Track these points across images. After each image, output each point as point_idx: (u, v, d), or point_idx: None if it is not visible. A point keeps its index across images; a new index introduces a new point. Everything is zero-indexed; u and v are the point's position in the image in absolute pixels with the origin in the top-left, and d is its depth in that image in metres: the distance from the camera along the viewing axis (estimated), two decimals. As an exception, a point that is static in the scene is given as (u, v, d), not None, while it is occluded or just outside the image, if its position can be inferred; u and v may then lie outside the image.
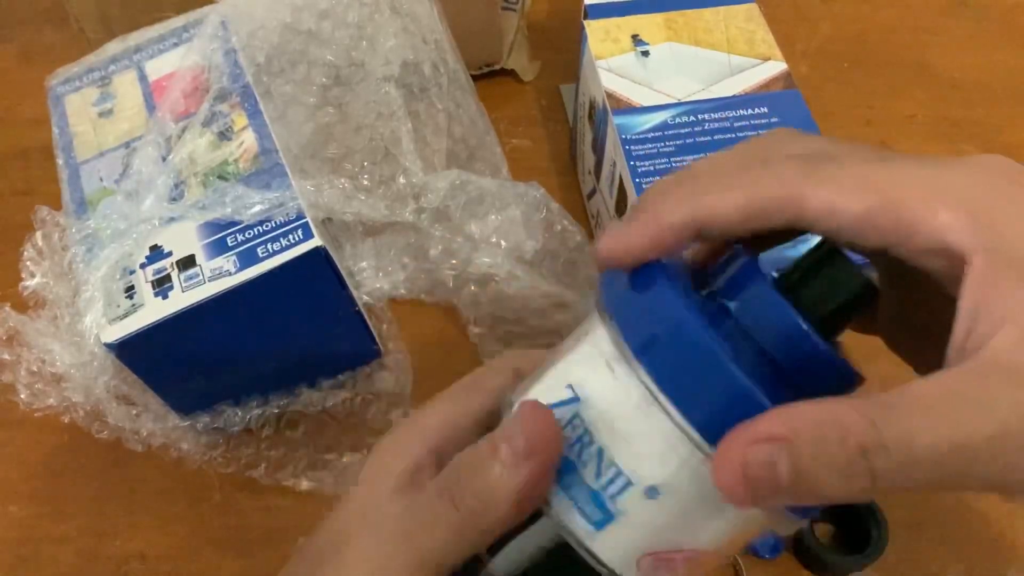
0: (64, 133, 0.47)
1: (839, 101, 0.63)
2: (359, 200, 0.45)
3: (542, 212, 0.51)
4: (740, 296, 0.23)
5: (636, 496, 0.23)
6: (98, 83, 0.49)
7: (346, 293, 0.43)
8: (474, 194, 0.50)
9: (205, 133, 0.44)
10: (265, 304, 0.41)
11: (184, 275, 0.40)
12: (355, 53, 0.51)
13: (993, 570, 0.43)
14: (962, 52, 0.67)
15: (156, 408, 0.44)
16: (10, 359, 0.41)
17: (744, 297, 0.23)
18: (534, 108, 0.64)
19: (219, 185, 0.42)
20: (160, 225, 0.42)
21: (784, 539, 0.44)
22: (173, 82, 0.46)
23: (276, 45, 0.49)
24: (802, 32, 0.68)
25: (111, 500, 0.47)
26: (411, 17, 0.52)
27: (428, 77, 0.52)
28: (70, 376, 0.40)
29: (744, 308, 0.23)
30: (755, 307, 0.23)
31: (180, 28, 0.50)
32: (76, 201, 0.43)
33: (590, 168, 0.54)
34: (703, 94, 0.47)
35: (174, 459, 0.45)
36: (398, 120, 0.50)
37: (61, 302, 0.41)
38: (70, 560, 0.45)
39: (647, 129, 0.45)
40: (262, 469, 0.46)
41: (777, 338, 0.23)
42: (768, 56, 0.48)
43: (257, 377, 0.46)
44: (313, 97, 0.50)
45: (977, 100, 0.63)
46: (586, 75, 0.52)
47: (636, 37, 0.50)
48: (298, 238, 0.40)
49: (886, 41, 0.68)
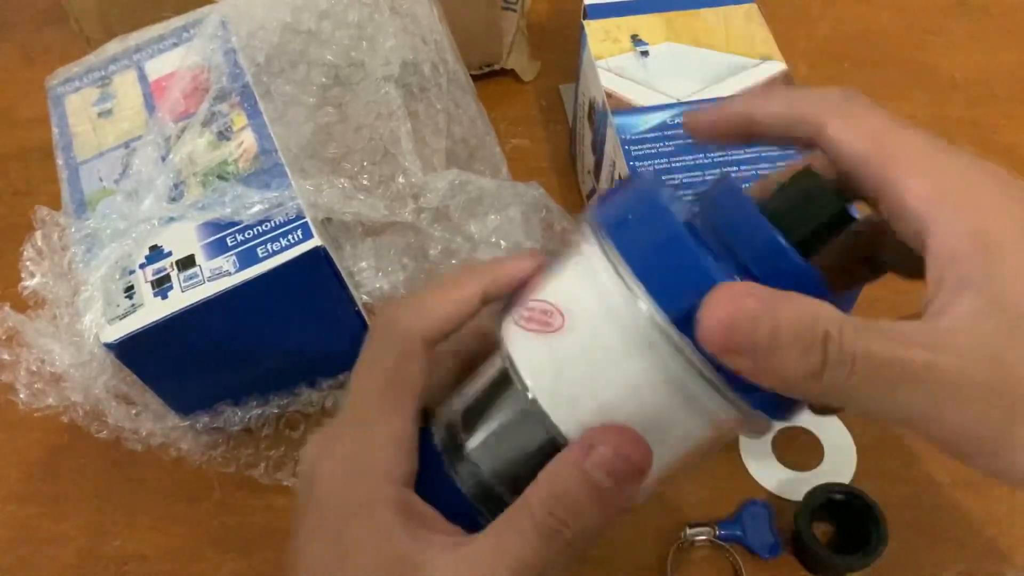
0: (64, 133, 0.47)
1: (839, 101, 0.63)
2: (359, 200, 0.45)
3: (542, 212, 0.51)
4: (722, 214, 0.25)
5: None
6: (98, 83, 0.49)
7: (346, 293, 0.44)
8: (474, 194, 0.50)
9: (205, 133, 0.44)
10: (265, 304, 0.41)
11: (184, 275, 0.40)
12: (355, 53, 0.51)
13: (993, 570, 0.43)
14: (962, 52, 0.67)
15: (156, 408, 0.44)
16: (10, 359, 0.41)
17: (725, 214, 0.25)
18: (534, 108, 0.64)
19: (219, 185, 0.42)
20: (160, 225, 0.42)
21: (783, 539, 0.44)
22: (173, 82, 0.46)
23: (276, 45, 0.49)
24: (802, 32, 0.68)
25: (111, 500, 0.47)
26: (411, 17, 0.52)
27: (428, 77, 0.52)
28: (69, 376, 0.40)
29: (726, 225, 0.24)
30: (736, 223, 0.24)
31: (180, 28, 0.50)
32: (76, 201, 0.43)
33: (590, 168, 0.54)
34: (703, 94, 0.47)
35: (174, 459, 0.45)
36: (398, 120, 0.50)
37: (61, 302, 0.41)
38: (70, 560, 0.45)
39: (647, 129, 0.45)
40: (262, 469, 0.46)
41: (754, 251, 0.24)
42: (768, 56, 0.48)
43: (257, 377, 0.46)
44: (313, 97, 0.50)
45: (977, 100, 0.63)
46: (586, 75, 0.52)
47: (636, 37, 0.50)
48: (298, 238, 0.40)
49: (886, 41, 0.68)
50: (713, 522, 0.44)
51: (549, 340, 0.25)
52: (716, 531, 0.44)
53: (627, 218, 0.24)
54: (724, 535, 0.44)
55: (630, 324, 0.23)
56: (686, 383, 0.24)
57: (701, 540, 0.44)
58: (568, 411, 0.25)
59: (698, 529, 0.44)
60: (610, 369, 0.24)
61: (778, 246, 0.24)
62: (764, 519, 0.44)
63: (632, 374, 0.24)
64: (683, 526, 0.44)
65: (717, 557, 0.44)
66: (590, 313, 0.24)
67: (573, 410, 0.25)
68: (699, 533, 0.44)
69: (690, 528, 0.44)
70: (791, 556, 0.43)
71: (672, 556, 0.43)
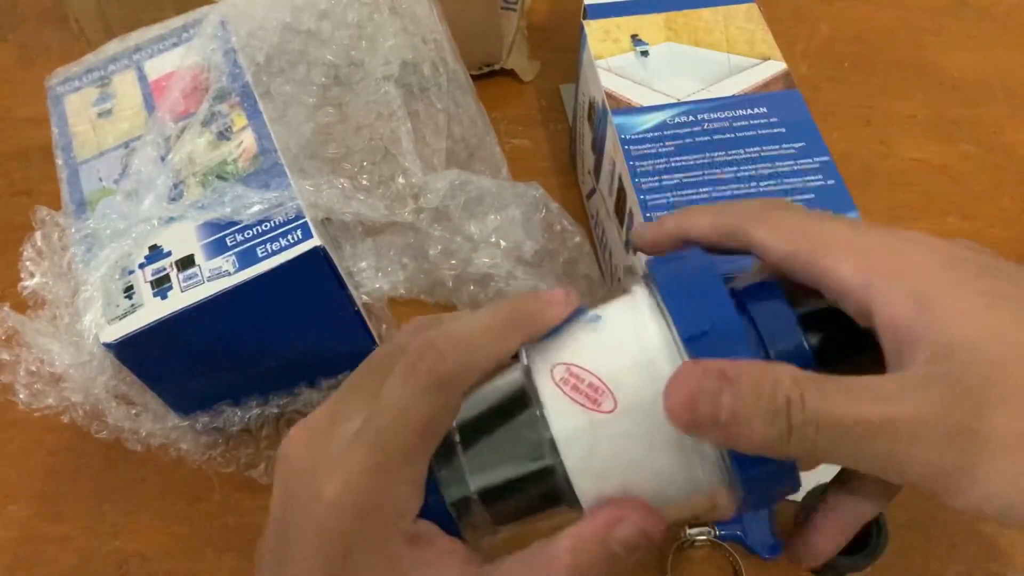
0: (63, 133, 0.47)
1: (839, 101, 0.63)
2: (358, 200, 0.45)
3: (541, 212, 0.51)
4: (758, 302, 0.26)
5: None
6: (97, 83, 0.49)
7: (346, 293, 0.43)
8: (474, 194, 0.50)
9: (204, 133, 0.44)
10: (264, 304, 0.41)
11: (183, 275, 0.40)
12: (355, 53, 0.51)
13: (993, 570, 0.43)
14: (962, 52, 0.67)
15: (155, 408, 0.44)
16: (9, 359, 0.41)
17: (761, 303, 0.26)
18: (534, 108, 0.64)
19: (218, 185, 0.42)
20: (159, 225, 0.42)
21: (783, 539, 0.44)
22: (172, 82, 0.46)
23: (276, 45, 0.49)
24: (802, 32, 0.68)
25: (111, 500, 0.47)
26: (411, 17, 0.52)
27: (428, 77, 0.52)
28: (69, 376, 0.40)
29: (759, 310, 0.26)
30: (769, 314, 0.26)
31: (180, 28, 0.50)
32: (75, 201, 0.43)
33: (590, 168, 0.54)
34: (703, 94, 0.47)
35: (173, 459, 0.45)
36: (398, 120, 0.50)
37: (60, 302, 0.41)
38: (70, 560, 0.45)
39: (646, 129, 0.45)
40: (261, 469, 0.46)
41: (774, 336, 0.26)
42: (768, 56, 0.48)
43: (257, 377, 0.46)
44: (313, 97, 0.50)
45: (977, 100, 0.63)
46: (586, 75, 0.52)
47: (636, 37, 0.50)
48: (297, 238, 0.40)
49: (886, 41, 0.68)
50: (713, 522, 0.44)
51: (592, 417, 0.25)
52: (716, 531, 0.44)
53: (705, 330, 0.25)
54: (724, 535, 0.44)
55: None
56: (702, 475, 0.25)
57: (701, 540, 0.44)
58: (592, 483, 0.26)
59: (698, 529, 0.44)
60: (647, 459, 0.25)
61: (798, 343, 0.26)
62: (764, 519, 0.44)
63: (664, 465, 0.25)
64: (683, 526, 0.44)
65: (717, 557, 0.44)
66: (644, 411, 0.25)
67: (597, 482, 0.26)
68: (699, 533, 0.44)
69: (690, 528, 0.44)
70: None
71: (672, 555, 0.43)
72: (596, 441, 0.25)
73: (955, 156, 0.60)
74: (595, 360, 0.26)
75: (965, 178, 0.59)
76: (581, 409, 0.25)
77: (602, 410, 0.25)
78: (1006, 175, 0.59)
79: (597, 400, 0.25)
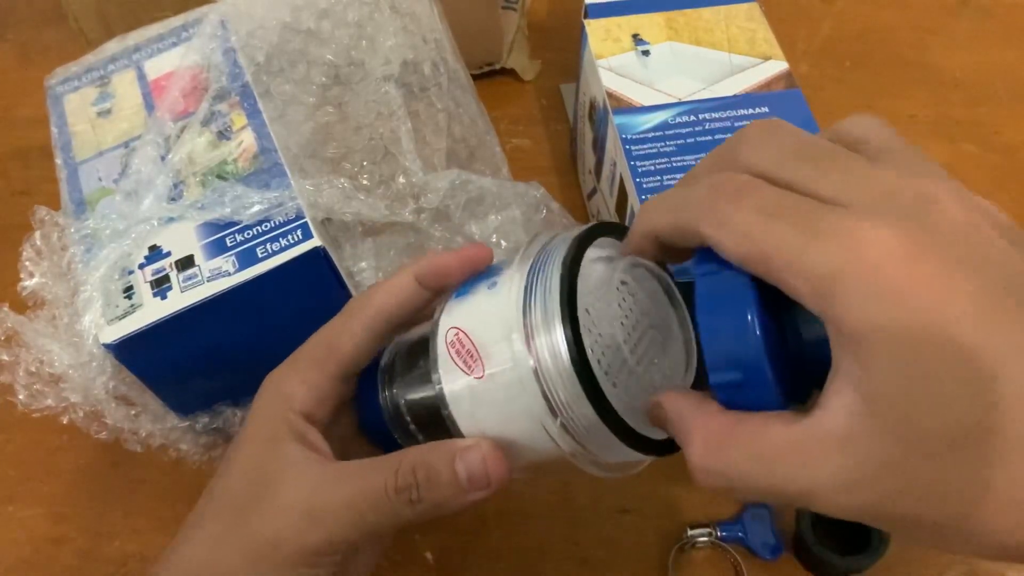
0: (63, 133, 0.47)
1: (840, 100, 0.63)
2: (359, 200, 0.45)
3: (542, 212, 0.51)
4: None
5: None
6: (97, 83, 0.48)
7: (346, 293, 0.43)
8: (474, 194, 0.49)
9: (204, 133, 0.44)
10: (264, 304, 0.41)
11: (183, 275, 0.40)
12: (355, 52, 0.50)
13: (993, 570, 0.43)
14: (963, 51, 0.67)
15: (155, 408, 0.44)
16: (8, 360, 0.41)
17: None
18: (534, 108, 0.64)
19: (218, 185, 0.42)
20: (159, 225, 0.41)
21: (784, 540, 0.44)
22: (172, 81, 0.46)
23: (275, 44, 0.49)
24: (803, 31, 0.68)
25: (110, 500, 0.46)
26: (411, 16, 0.51)
27: (428, 77, 0.52)
28: (69, 376, 0.40)
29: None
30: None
31: (179, 27, 0.50)
32: (75, 201, 0.43)
33: (590, 168, 0.54)
34: (704, 93, 0.47)
35: (173, 459, 0.45)
36: (398, 120, 0.50)
37: (60, 302, 0.41)
38: (69, 561, 0.45)
39: (647, 129, 0.45)
40: (261, 469, 0.46)
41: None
42: (769, 55, 0.48)
43: (257, 377, 0.45)
44: (313, 97, 0.50)
45: (978, 99, 0.63)
46: (586, 74, 0.52)
47: (637, 36, 0.50)
48: (297, 238, 0.40)
49: (887, 40, 0.68)
50: (715, 523, 0.44)
51: (469, 381, 0.30)
52: (718, 532, 0.44)
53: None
54: (726, 536, 0.44)
55: (532, 396, 0.29)
56: (549, 429, 0.29)
57: (703, 541, 0.44)
58: (470, 424, 0.31)
59: (700, 530, 0.44)
60: (507, 421, 0.30)
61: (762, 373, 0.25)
62: (766, 520, 0.44)
63: (520, 428, 0.30)
64: (685, 527, 0.44)
65: (719, 558, 0.44)
66: (502, 383, 0.29)
67: (474, 424, 0.31)
68: (701, 534, 0.44)
69: (692, 529, 0.44)
70: (792, 557, 0.43)
71: (674, 557, 0.43)
72: (471, 398, 0.30)
73: (956, 155, 0.60)
74: (476, 328, 0.31)
75: (966, 177, 0.58)
76: (461, 372, 0.30)
77: (475, 376, 0.30)
78: (1007, 175, 0.59)
79: (471, 366, 0.30)
